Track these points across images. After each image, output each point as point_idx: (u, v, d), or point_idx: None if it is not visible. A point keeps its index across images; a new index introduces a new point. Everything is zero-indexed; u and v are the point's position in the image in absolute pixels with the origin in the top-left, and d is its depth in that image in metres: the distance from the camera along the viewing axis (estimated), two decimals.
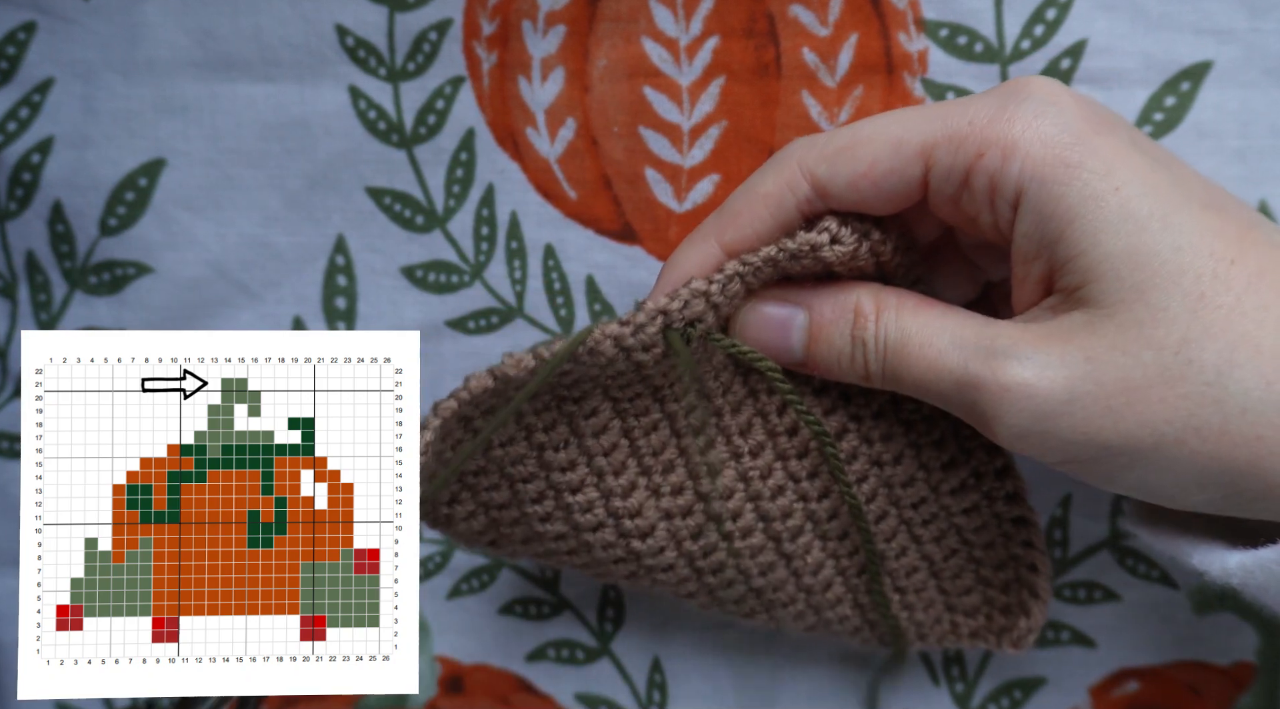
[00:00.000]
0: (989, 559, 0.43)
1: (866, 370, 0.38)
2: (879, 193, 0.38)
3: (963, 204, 0.37)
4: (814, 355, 0.39)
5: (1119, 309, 0.35)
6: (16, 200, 0.51)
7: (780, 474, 0.41)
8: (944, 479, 0.42)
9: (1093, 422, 0.35)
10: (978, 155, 0.36)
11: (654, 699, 0.52)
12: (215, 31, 0.48)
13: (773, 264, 0.38)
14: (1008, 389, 0.35)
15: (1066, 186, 0.35)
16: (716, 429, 0.41)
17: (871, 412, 0.41)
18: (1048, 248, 0.36)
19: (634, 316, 0.38)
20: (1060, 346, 0.35)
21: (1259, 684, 0.49)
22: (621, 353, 0.38)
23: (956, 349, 0.37)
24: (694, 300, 0.38)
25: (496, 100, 0.48)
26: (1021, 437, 0.35)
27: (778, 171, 0.39)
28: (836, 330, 0.39)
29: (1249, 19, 0.44)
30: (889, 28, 0.46)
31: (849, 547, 0.43)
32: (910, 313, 0.38)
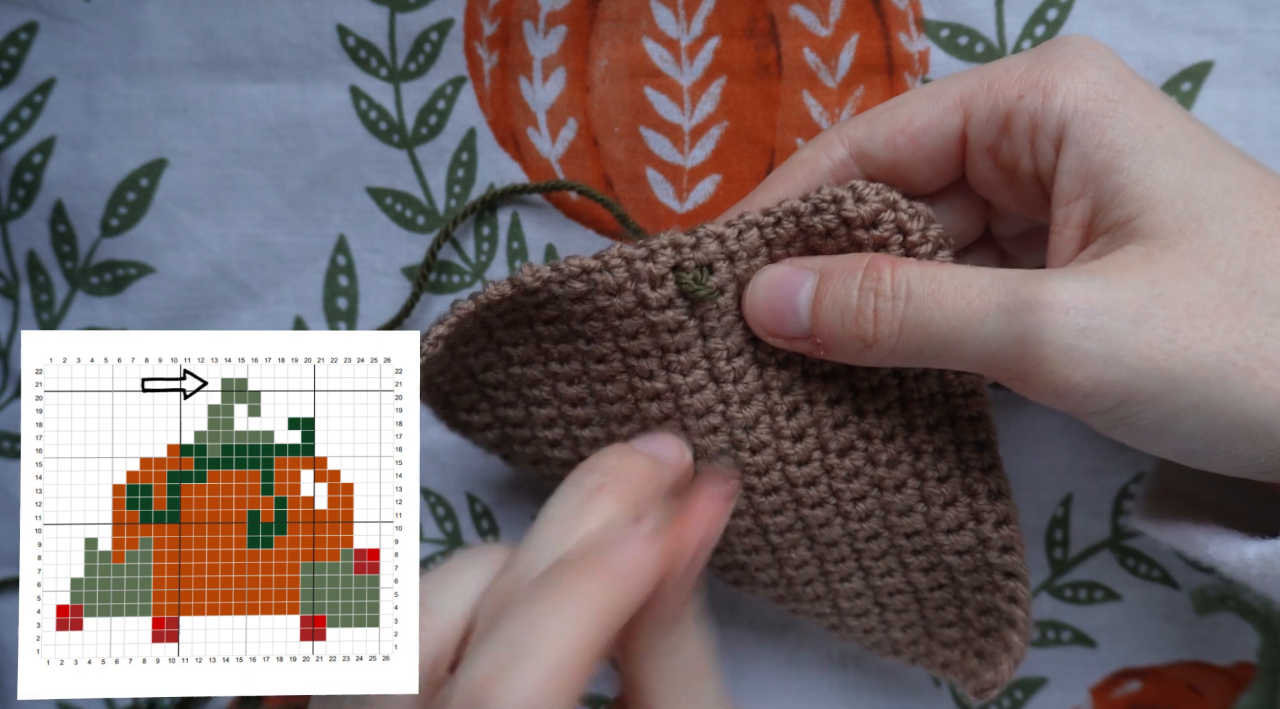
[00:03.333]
0: (975, 601, 0.43)
1: (876, 326, 0.36)
2: (918, 150, 0.37)
3: (1002, 153, 0.37)
4: (818, 316, 0.37)
5: (1178, 239, 0.33)
6: (18, 200, 0.51)
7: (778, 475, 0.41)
8: (941, 517, 0.41)
9: (1160, 345, 0.32)
10: (1018, 97, 0.36)
11: None
12: (216, 32, 0.48)
13: (794, 218, 0.37)
14: (1070, 305, 0.33)
15: (1112, 118, 0.34)
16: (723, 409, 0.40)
17: (883, 433, 0.40)
18: (1095, 181, 0.35)
19: (650, 243, 0.37)
20: (1120, 271, 0.33)
21: (1259, 684, 0.49)
22: (630, 281, 0.37)
23: (1001, 283, 0.34)
24: (707, 240, 0.37)
25: (497, 100, 0.48)
26: (1081, 363, 0.33)
27: (817, 140, 0.39)
28: (844, 285, 0.36)
29: (1249, 19, 0.44)
30: (890, 28, 0.46)
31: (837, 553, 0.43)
32: (936, 265, 0.36)
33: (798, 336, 0.37)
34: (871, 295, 0.35)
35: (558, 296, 0.38)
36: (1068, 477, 0.48)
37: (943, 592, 0.43)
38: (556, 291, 0.38)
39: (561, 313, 0.39)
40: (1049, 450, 0.48)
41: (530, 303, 0.39)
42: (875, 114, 0.38)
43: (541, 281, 0.38)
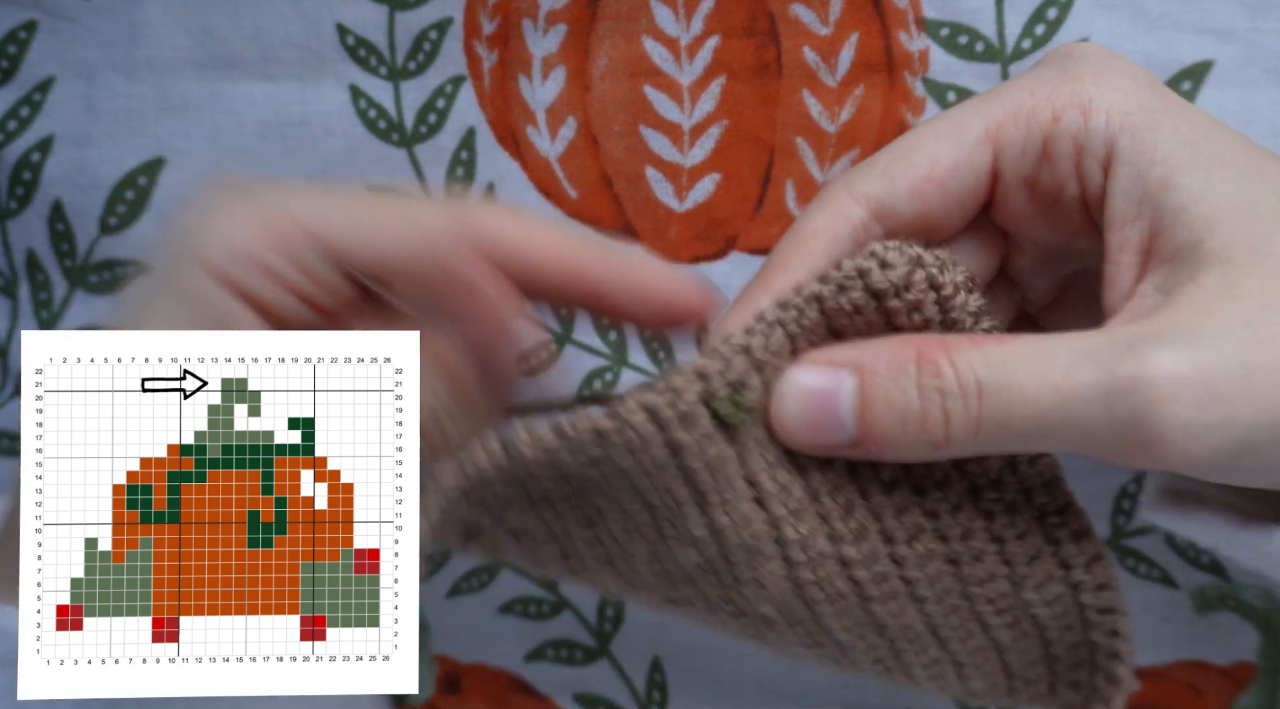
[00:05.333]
0: (1063, 640, 0.40)
1: (948, 430, 0.31)
2: (946, 197, 0.34)
3: (1042, 183, 0.34)
4: (870, 425, 0.32)
5: (1256, 261, 0.31)
6: (17, 199, 0.51)
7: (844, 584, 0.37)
8: (1029, 574, 0.37)
9: (1272, 394, 0.30)
10: (1053, 120, 0.33)
11: (654, 699, 0.52)
12: (216, 30, 0.48)
13: (818, 304, 0.33)
14: (1179, 379, 0.29)
15: (1161, 131, 0.32)
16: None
17: (949, 505, 0.36)
18: (1152, 200, 0.32)
19: (669, 380, 0.32)
20: (1210, 319, 0.30)
21: (1259, 684, 0.49)
22: (657, 429, 0.32)
23: (1087, 359, 0.30)
24: (735, 358, 0.32)
25: (497, 99, 0.48)
26: (1199, 435, 0.30)
27: (824, 204, 0.35)
28: (897, 385, 0.31)
29: (1249, 19, 0.44)
30: (890, 27, 0.46)
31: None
32: (996, 343, 0.31)
33: (843, 445, 0.33)
34: (937, 395, 0.31)
35: (560, 466, 0.34)
36: (1068, 477, 0.48)
37: (1027, 640, 0.40)
38: (565, 461, 0.34)
39: (565, 476, 0.34)
40: None
41: (524, 474, 0.34)
42: (888, 164, 0.34)
43: (545, 453, 0.33)
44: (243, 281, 0.37)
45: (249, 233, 0.36)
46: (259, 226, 0.37)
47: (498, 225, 0.36)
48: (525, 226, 0.37)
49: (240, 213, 0.37)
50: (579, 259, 0.36)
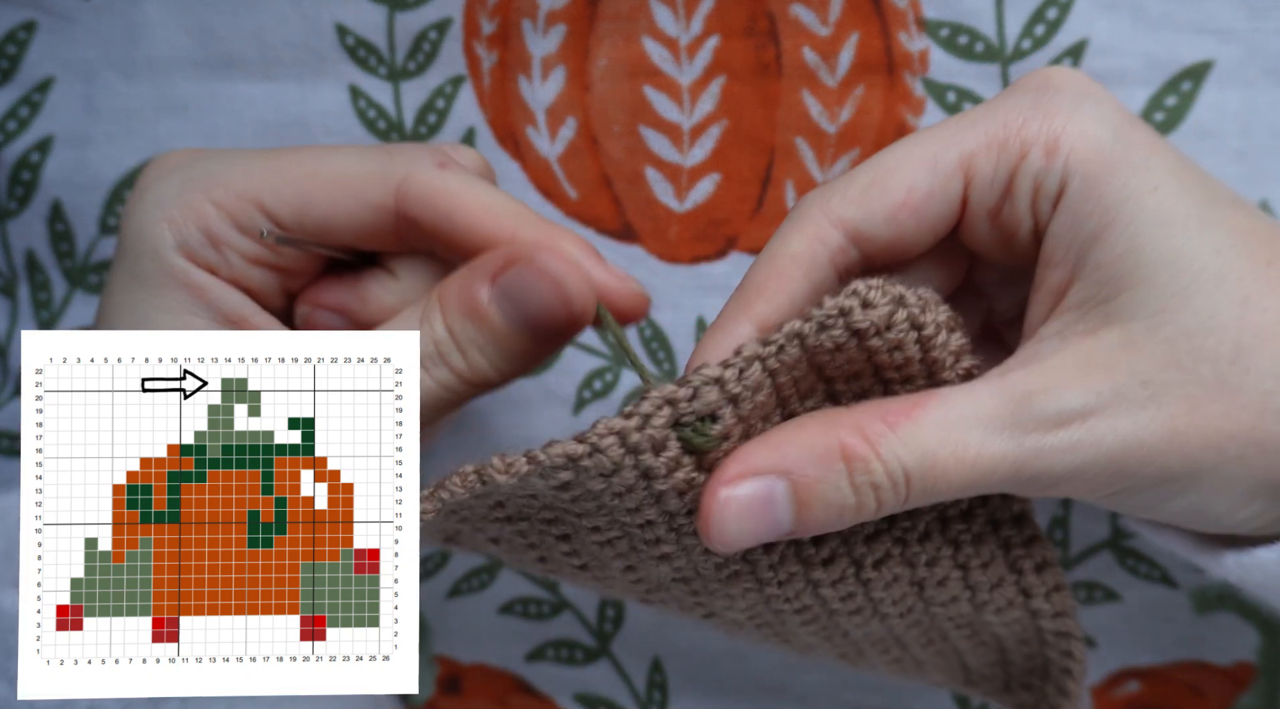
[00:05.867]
0: (1019, 650, 0.42)
1: (879, 510, 0.33)
2: (921, 222, 0.35)
3: (1003, 216, 0.35)
4: (808, 521, 0.33)
5: (1163, 319, 0.32)
6: (16, 199, 0.51)
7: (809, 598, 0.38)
8: (989, 600, 0.38)
9: (1159, 450, 0.32)
10: (1021, 156, 0.34)
11: (654, 699, 0.52)
12: (215, 30, 0.48)
13: (798, 341, 0.33)
14: (1075, 448, 0.32)
15: (1110, 182, 0.33)
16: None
17: (918, 534, 0.37)
18: (1078, 250, 0.33)
19: (637, 407, 0.32)
20: (1108, 377, 0.32)
21: (1259, 684, 0.49)
22: (628, 456, 0.33)
23: (995, 434, 0.32)
24: (705, 389, 0.32)
25: (497, 99, 0.48)
26: (1088, 482, 0.33)
27: (801, 227, 0.35)
28: (829, 485, 0.33)
29: (1250, 19, 0.44)
30: (890, 27, 0.46)
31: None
32: (915, 426, 0.33)
33: (778, 537, 0.34)
34: (869, 488, 0.33)
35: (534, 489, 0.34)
36: None
37: (985, 647, 0.42)
38: (537, 486, 0.34)
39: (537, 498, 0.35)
40: None
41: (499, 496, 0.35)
42: (865, 188, 0.35)
43: (516, 477, 0.33)
44: (203, 258, 0.39)
45: (196, 206, 0.38)
46: (206, 200, 0.38)
47: (428, 186, 0.38)
48: (453, 187, 0.38)
49: (183, 191, 0.39)
50: (498, 230, 0.38)
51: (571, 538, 0.37)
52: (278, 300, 0.41)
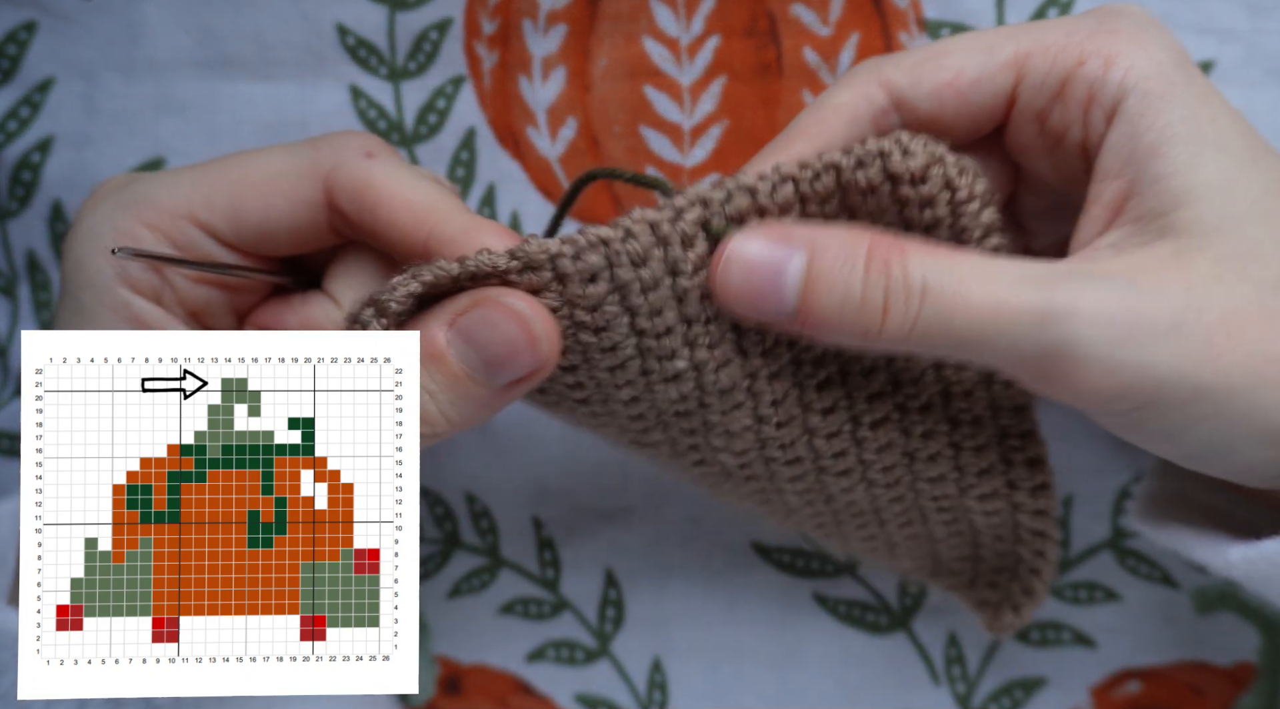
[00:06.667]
0: (993, 546, 0.42)
1: (884, 321, 0.33)
2: (963, 105, 0.36)
3: (1051, 119, 0.35)
4: (811, 304, 0.33)
5: (1213, 240, 0.32)
6: (17, 199, 0.51)
7: (803, 447, 0.39)
8: (975, 485, 0.39)
9: (1193, 355, 0.32)
10: (1078, 63, 0.34)
11: (654, 699, 0.52)
12: (215, 31, 0.48)
13: (835, 172, 0.34)
14: (1106, 316, 0.31)
15: (1170, 101, 0.33)
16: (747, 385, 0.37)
17: (919, 404, 0.38)
18: (1137, 163, 0.34)
19: (674, 201, 0.34)
20: (1154, 276, 0.32)
21: (1260, 684, 0.49)
22: (658, 246, 0.34)
23: (1031, 282, 0.32)
24: (738, 194, 0.34)
25: (497, 99, 0.48)
26: (1113, 372, 0.32)
27: (850, 82, 0.36)
28: (845, 271, 0.33)
29: (1250, 19, 0.44)
30: (890, 27, 0.46)
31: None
32: (948, 255, 0.33)
33: (779, 318, 0.34)
34: (881, 288, 0.33)
35: (565, 279, 0.35)
36: (1068, 477, 0.48)
37: (961, 538, 0.43)
38: (567, 270, 0.34)
39: (562, 304, 0.35)
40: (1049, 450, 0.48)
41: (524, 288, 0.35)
42: (919, 61, 0.36)
43: (549, 256, 0.34)
44: (144, 283, 0.38)
45: (131, 232, 0.38)
46: (140, 224, 0.38)
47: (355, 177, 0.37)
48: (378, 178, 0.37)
49: (117, 218, 0.38)
50: (421, 222, 0.37)
51: (579, 369, 0.37)
52: (227, 321, 0.40)
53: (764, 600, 0.50)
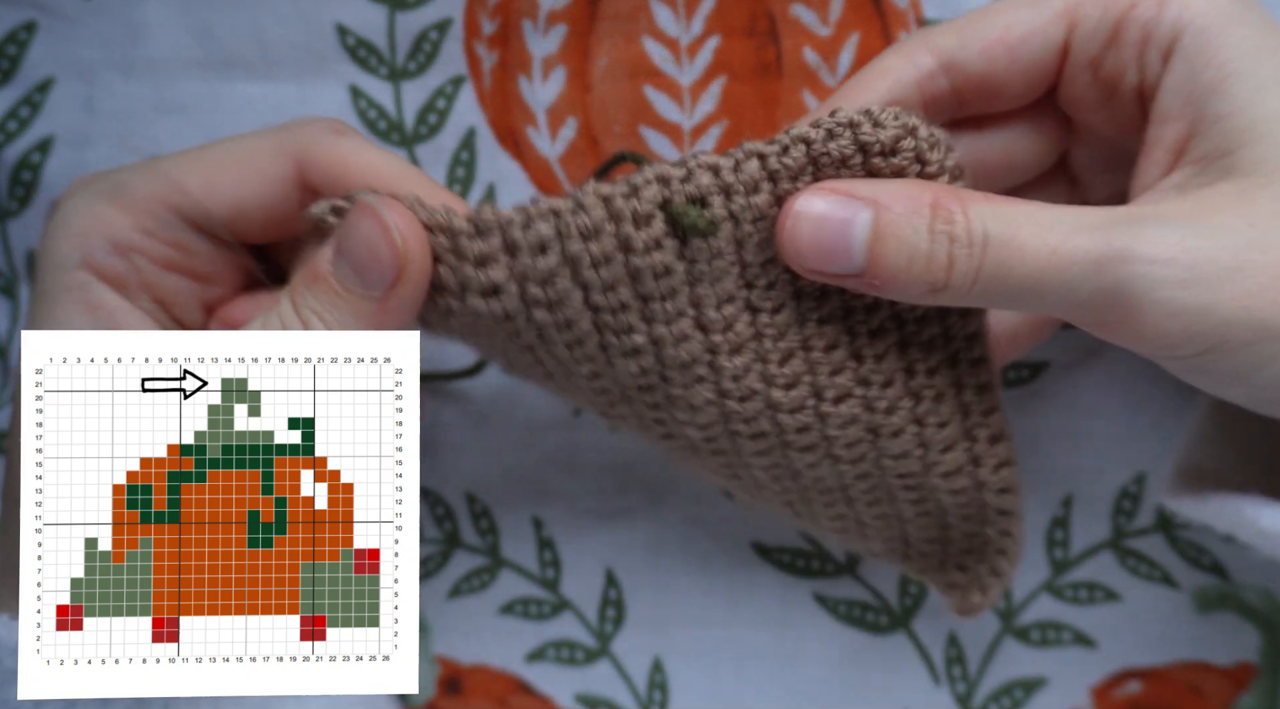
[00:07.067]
0: (961, 527, 0.42)
1: (949, 274, 0.33)
2: (1015, 61, 0.35)
3: (1105, 66, 0.35)
4: (879, 259, 0.33)
5: (1277, 177, 0.32)
6: (17, 199, 0.51)
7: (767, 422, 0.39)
8: (939, 461, 0.39)
9: (1259, 294, 0.31)
10: (1130, 5, 0.34)
11: (654, 699, 0.52)
12: (215, 31, 0.48)
13: (805, 145, 0.34)
14: (1167, 256, 0.31)
15: (1227, 36, 0.33)
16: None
17: (881, 379, 0.38)
18: (1196, 103, 0.33)
19: (632, 179, 0.34)
20: (1216, 215, 0.31)
21: (1260, 684, 0.49)
22: (610, 221, 0.33)
23: (1087, 228, 0.31)
24: (699, 172, 0.33)
25: (497, 100, 0.48)
26: (1176, 314, 0.31)
27: (899, 48, 0.36)
28: (910, 225, 0.32)
29: None
30: (890, 27, 0.46)
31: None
32: (1008, 204, 0.32)
33: (847, 275, 0.34)
34: (946, 240, 0.32)
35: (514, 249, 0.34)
36: (1068, 477, 0.48)
37: (929, 518, 0.42)
38: (516, 237, 0.34)
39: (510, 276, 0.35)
40: (1049, 450, 0.48)
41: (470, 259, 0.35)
42: (965, 22, 0.35)
43: (498, 222, 0.34)
44: (109, 268, 0.38)
45: (102, 215, 0.38)
46: (113, 208, 0.38)
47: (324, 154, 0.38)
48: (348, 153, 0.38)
49: (95, 199, 0.38)
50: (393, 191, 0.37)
51: (536, 349, 0.37)
52: (195, 312, 0.40)
53: (764, 600, 0.51)
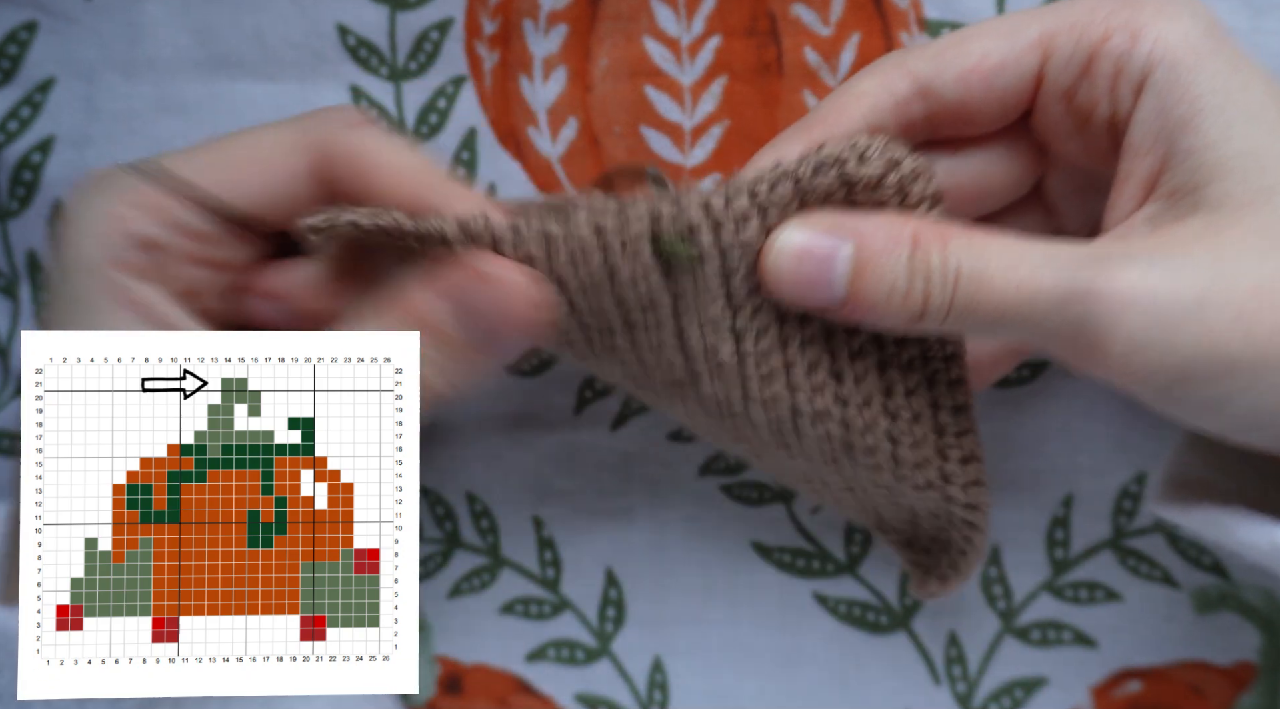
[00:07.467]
0: (931, 522, 0.43)
1: (925, 306, 0.33)
2: (989, 89, 0.36)
3: (1078, 97, 0.35)
4: (860, 292, 0.34)
5: (1246, 213, 0.32)
6: (18, 199, 0.51)
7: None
8: (910, 476, 0.39)
9: (1222, 330, 0.31)
10: (1104, 38, 0.34)
11: (655, 699, 0.52)
12: (216, 31, 0.48)
13: (792, 181, 0.35)
14: (1129, 294, 0.31)
15: (1199, 72, 0.33)
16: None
17: (860, 399, 0.38)
18: (1167, 137, 0.33)
19: (625, 210, 0.34)
20: (1183, 250, 0.32)
21: (1260, 684, 0.49)
22: (599, 252, 0.35)
23: (1053, 264, 0.32)
24: (690, 208, 0.34)
25: (498, 100, 0.48)
26: (1138, 350, 0.32)
27: (874, 71, 0.36)
28: (890, 260, 0.33)
29: (1251, 18, 0.44)
30: (891, 27, 0.46)
31: None
32: (984, 238, 0.33)
33: (828, 305, 0.35)
34: (922, 275, 0.33)
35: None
36: (1068, 477, 0.48)
37: (899, 510, 0.43)
38: (506, 254, 0.35)
39: None
40: (1049, 450, 0.48)
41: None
42: (941, 48, 0.36)
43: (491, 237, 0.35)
44: (139, 266, 0.38)
45: (121, 214, 0.38)
46: (130, 205, 0.38)
47: (344, 147, 0.38)
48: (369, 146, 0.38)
49: (110, 198, 0.38)
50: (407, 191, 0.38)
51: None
52: (217, 301, 0.40)
53: (764, 600, 0.51)
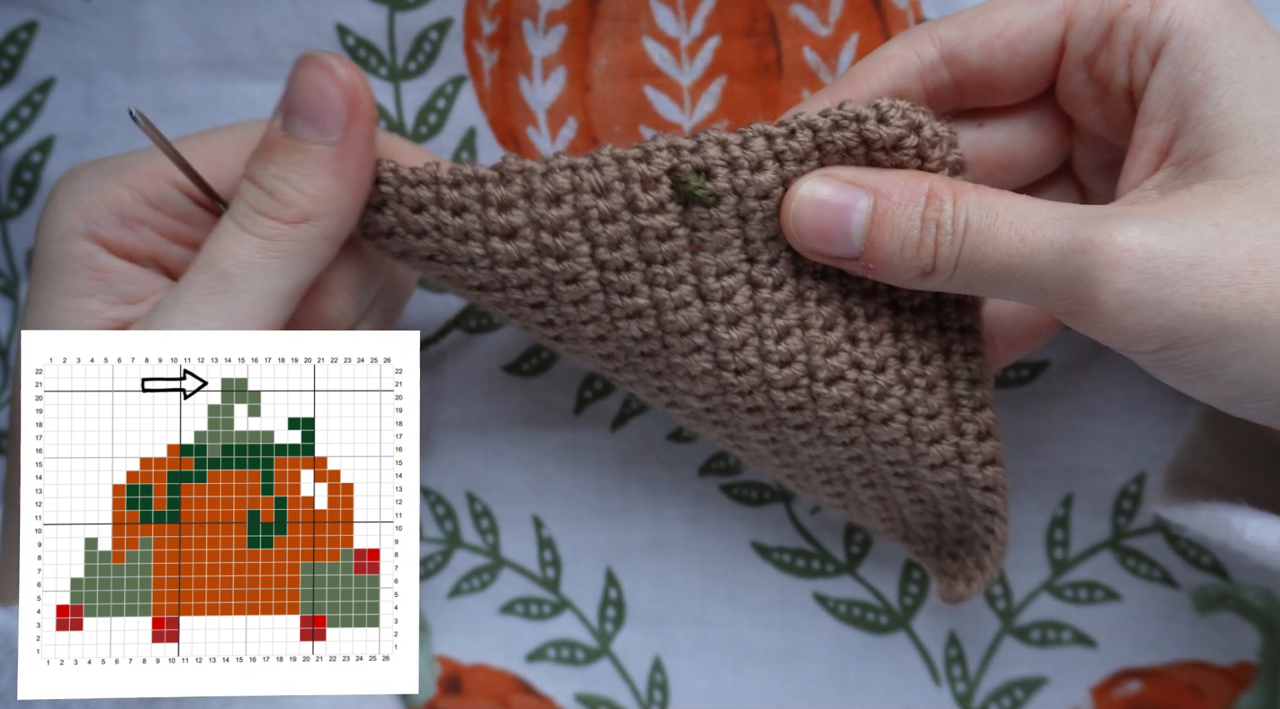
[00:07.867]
0: (953, 518, 0.43)
1: (935, 259, 0.35)
2: (1014, 56, 0.36)
3: (1099, 65, 0.36)
4: (875, 243, 0.35)
5: (1251, 180, 0.33)
6: (18, 199, 0.51)
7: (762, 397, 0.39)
8: (926, 452, 0.39)
9: (1216, 291, 0.32)
10: (1124, 6, 0.35)
11: (655, 699, 0.52)
12: (216, 31, 0.48)
13: (811, 133, 0.35)
14: (1125, 249, 0.32)
15: (1214, 41, 0.34)
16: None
17: (875, 364, 0.38)
18: (1180, 105, 0.34)
19: (646, 144, 0.36)
20: (1183, 213, 0.32)
21: (1260, 684, 0.49)
22: (620, 181, 0.36)
23: (1057, 221, 0.33)
24: (709, 145, 0.35)
25: (498, 100, 0.48)
26: (1132, 306, 0.32)
27: (904, 37, 0.37)
28: (904, 213, 0.35)
29: None
30: (890, 27, 0.46)
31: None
32: (994, 195, 0.34)
33: (845, 257, 0.36)
34: (933, 227, 0.34)
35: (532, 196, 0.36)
36: (1068, 477, 0.48)
37: (922, 506, 0.43)
38: (536, 186, 0.36)
39: (528, 222, 0.37)
40: (1049, 450, 0.48)
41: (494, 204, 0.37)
42: (969, 16, 0.37)
43: (521, 170, 0.36)
44: (116, 239, 0.39)
45: (107, 194, 0.39)
46: (115, 185, 0.39)
47: None
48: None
49: (95, 181, 0.39)
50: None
51: (546, 305, 0.38)
52: None
53: (764, 600, 0.51)
